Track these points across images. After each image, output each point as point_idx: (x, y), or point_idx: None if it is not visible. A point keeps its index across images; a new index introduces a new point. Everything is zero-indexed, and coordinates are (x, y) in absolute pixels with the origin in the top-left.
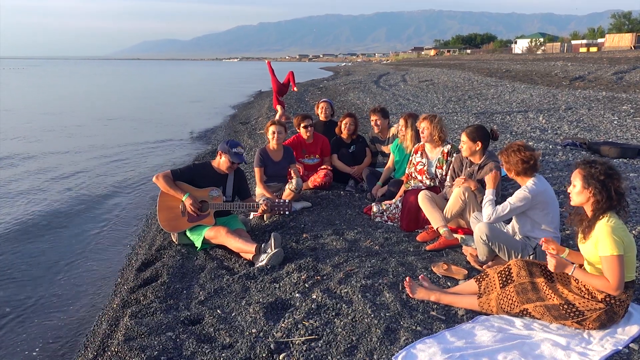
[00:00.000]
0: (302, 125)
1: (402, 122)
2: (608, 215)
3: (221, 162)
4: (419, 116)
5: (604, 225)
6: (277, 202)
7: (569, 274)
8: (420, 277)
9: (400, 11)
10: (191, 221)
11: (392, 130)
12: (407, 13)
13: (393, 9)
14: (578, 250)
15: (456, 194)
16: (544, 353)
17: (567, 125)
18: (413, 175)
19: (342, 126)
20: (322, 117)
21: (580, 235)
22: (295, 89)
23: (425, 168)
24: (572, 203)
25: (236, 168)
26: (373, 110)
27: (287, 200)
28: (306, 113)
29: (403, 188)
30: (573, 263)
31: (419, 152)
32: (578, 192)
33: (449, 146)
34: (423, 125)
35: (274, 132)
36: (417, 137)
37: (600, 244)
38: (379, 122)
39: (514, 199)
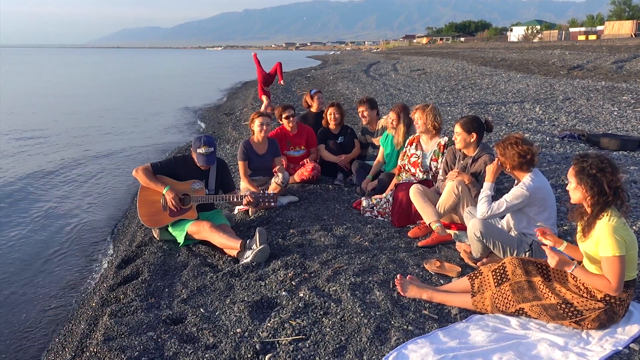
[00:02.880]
0: (283, 116)
1: (392, 115)
2: (609, 213)
3: (196, 159)
4: (409, 108)
5: (606, 225)
6: (262, 194)
7: (569, 271)
8: (407, 277)
9: None
10: (173, 215)
11: (382, 122)
12: (399, 0)
13: None
14: (576, 245)
15: (449, 188)
16: (541, 354)
17: (565, 116)
18: (406, 167)
19: (328, 117)
20: (315, 109)
21: (579, 233)
22: (281, 82)
23: (419, 160)
24: (572, 201)
25: (217, 161)
26: (360, 101)
27: (272, 192)
28: (287, 103)
29: (394, 181)
30: (573, 259)
31: (414, 144)
32: (573, 190)
33: (446, 138)
34: (416, 117)
35: (261, 124)
36: (408, 133)
37: (601, 244)
38: (365, 114)
39: (510, 196)
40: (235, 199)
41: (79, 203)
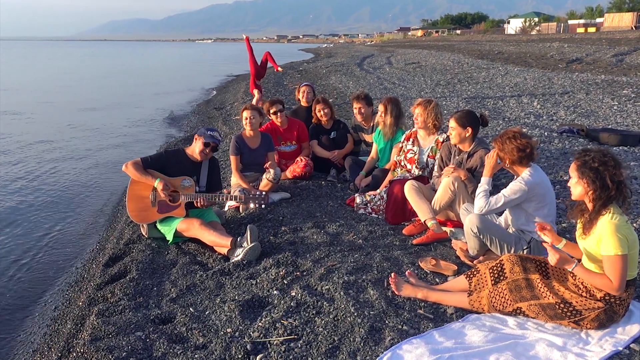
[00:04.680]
0: (271, 111)
1: (381, 107)
2: (611, 211)
3: (195, 147)
4: (399, 101)
5: (608, 223)
6: (252, 193)
7: (569, 270)
8: (406, 272)
9: None
10: (161, 212)
11: (377, 119)
12: None
13: None
14: (575, 242)
15: (445, 184)
16: (539, 354)
17: (564, 110)
18: (402, 163)
19: (317, 113)
20: (303, 102)
21: (580, 230)
22: (278, 69)
23: (416, 156)
24: (572, 197)
25: (211, 157)
26: (356, 97)
27: (263, 192)
28: (275, 98)
29: (388, 177)
30: (573, 257)
31: (411, 139)
32: (575, 184)
33: (444, 135)
34: (417, 112)
35: (247, 118)
36: (396, 124)
37: (603, 243)
38: (363, 110)
39: (508, 191)
40: (224, 199)
41: (65, 198)
